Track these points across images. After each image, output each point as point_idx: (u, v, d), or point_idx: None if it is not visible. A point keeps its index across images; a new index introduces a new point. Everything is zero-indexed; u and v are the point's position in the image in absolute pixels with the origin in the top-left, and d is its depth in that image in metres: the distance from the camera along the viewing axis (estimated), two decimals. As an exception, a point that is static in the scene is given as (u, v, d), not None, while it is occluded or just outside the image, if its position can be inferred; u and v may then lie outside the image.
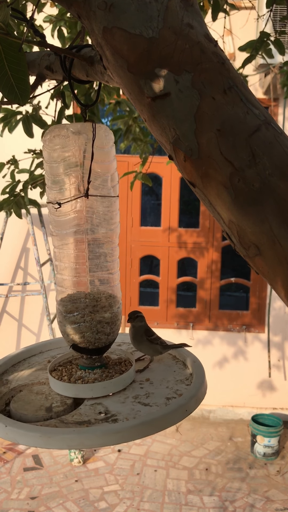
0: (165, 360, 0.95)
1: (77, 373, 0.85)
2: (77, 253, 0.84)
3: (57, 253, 0.87)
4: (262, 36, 1.84)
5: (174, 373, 0.89)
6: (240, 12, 2.86)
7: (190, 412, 0.73)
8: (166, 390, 0.82)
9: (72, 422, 0.73)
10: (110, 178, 0.84)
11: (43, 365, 0.95)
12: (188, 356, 0.92)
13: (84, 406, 0.77)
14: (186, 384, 0.84)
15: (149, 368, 0.91)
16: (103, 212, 0.83)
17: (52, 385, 0.83)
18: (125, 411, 0.75)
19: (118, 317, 0.87)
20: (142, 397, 0.80)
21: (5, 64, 0.60)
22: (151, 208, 5.09)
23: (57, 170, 0.81)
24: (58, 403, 0.79)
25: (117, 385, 0.82)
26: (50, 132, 0.81)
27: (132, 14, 0.55)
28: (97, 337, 0.84)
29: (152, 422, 0.70)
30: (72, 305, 0.85)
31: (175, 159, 0.58)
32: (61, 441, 0.66)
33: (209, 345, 4.15)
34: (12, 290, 4.17)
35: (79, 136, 0.79)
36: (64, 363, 0.91)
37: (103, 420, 0.73)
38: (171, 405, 0.75)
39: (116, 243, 0.88)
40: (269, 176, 0.51)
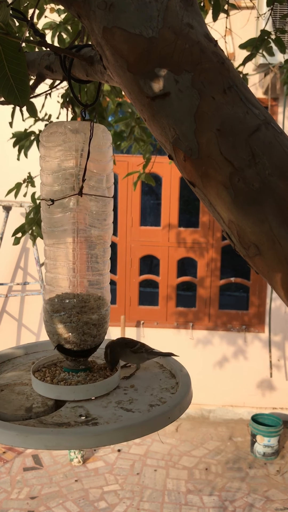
0: (151, 368, 0.94)
1: (60, 375, 0.84)
2: (68, 252, 0.83)
3: (48, 251, 0.86)
4: (263, 34, 1.84)
5: (159, 381, 0.88)
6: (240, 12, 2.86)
7: (173, 419, 0.72)
8: (150, 397, 0.81)
9: (51, 423, 0.72)
10: (105, 178, 0.83)
11: (27, 366, 0.94)
12: (175, 365, 0.90)
13: (65, 408, 0.76)
14: (171, 392, 0.83)
15: (135, 375, 0.90)
16: (97, 212, 0.83)
17: (35, 385, 0.82)
18: (107, 416, 0.74)
19: (105, 319, 0.86)
20: (125, 402, 0.79)
21: (5, 65, 0.60)
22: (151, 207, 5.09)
23: (53, 167, 0.81)
24: (39, 404, 0.78)
25: (100, 389, 0.81)
26: (47, 129, 0.81)
27: (132, 14, 0.55)
28: (83, 339, 0.83)
29: (132, 427, 0.69)
30: (60, 305, 0.84)
31: (175, 159, 0.58)
32: (38, 441, 0.65)
33: (209, 345, 4.15)
34: (12, 290, 4.17)
35: (77, 135, 0.79)
36: (49, 365, 0.90)
37: (83, 423, 0.72)
38: (153, 412, 0.74)
39: (108, 245, 0.87)
40: (269, 176, 0.51)
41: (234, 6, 2.04)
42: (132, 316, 4.20)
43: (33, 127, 2.17)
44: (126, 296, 4.19)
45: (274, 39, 1.86)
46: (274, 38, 1.86)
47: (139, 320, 4.19)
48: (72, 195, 0.79)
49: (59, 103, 2.13)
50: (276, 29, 1.89)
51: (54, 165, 0.80)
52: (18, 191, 2.13)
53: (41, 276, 3.75)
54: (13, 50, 0.59)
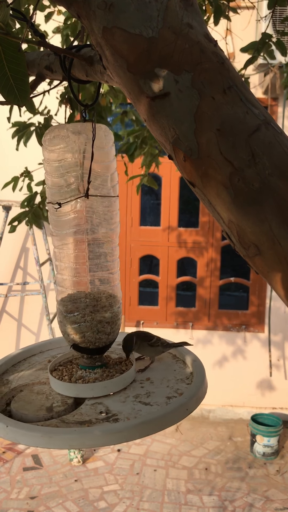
0: (165, 359, 0.95)
1: (77, 372, 0.85)
2: (77, 253, 0.84)
3: (57, 253, 0.87)
4: (264, 37, 1.85)
5: (174, 372, 0.89)
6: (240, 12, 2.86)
7: (190, 411, 0.73)
8: (167, 389, 0.82)
9: (73, 422, 0.73)
10: (110, 178, 0.84)
11: (44, 364, 0.95)
12: (188, 355, 0.92)
13: (85, 406, 0.77)
14: (187, 383, 0.84)
15: (149, 368, 0.91)
16: (103, 212, 0.84)
17: (53, 385, 0.83)
18: (126, 411, 0.75)
19: (118, 316, 0.87)
20: (143, 396, 0.80)
21: (5, 65, 0.60)
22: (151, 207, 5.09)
23: (57, 170, 0.81)
24: (59, 403, 0.79)
25: (118, 384, 0.82)
26: (50, 132, 0.81)
27: (132, 14, 0.55)
28: (97, 337, 0.85)
29: (153, 421, 0.70)
30: (73, 305, 0.85)
31: (175, 159, 0.58)
32: (63, 441, 0.66)
33: (209, 345, 4.15)
34: (12, 289, 4.17)
35: (79, 136, 0.79)
36: (65, 362, 0.91)
37: (104, 419, 0.73)
38: (171, 404, 0.76)
39: (116, 243, 0.88)
40: (269, 176, 0.51)
41: (234, 10, 2.05)
42: (132, 316, 4.20)
43: (32, 119, 2.17)
44: (126, 296, 4.19)
45: (275, 42, 1.86)
46: (275, 41, 1.86)
47: (139, 320, 4.19)
48: (78, 197, 0.80)
49: (58, 99, 2.13)
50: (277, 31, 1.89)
51: (58, 168, 0.81)
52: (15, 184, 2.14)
53: (40, 276, 3.74)
54: (13, 50, 0.59)
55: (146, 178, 2.38)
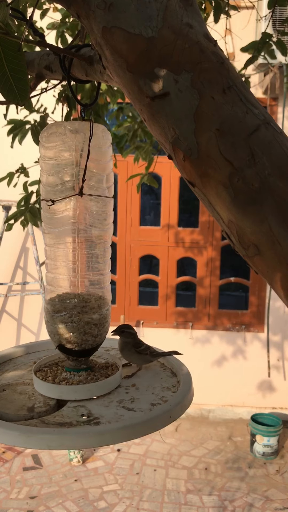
0: (153, 367, 0.94)
1: (62, 374, 0.84)
2: (68, 252, 0.83)
3: (49, 251, 0.86)
4: (264, 37, 1.84)
5: (161, 380, 0.88)
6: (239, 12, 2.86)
7: (174, 418, 0.72)
8: (152, 396, 0.81)
9: (53, 423, 0.72)
10: (105, 178, 0.84)
11: (29, 366, 0.94)
12: (176, 364, 0.91)
13: (67, 408, 0.76)
14: (173, 391, 0.83)
15: (136, 374, 0.90)
16: (97, 212, 0.83)
17: (36, 385, 0.82)
18: (108, 415, 0.74)
19: (106, 319, 0.86)
20: (127, 402, 0.79)
21: (4, 64, 0.60)
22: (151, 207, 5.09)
23: (53, 168, 0.81)
24: (41, 404, 0.78)
25: (102, 388, 0.81)
26: (47, 129, 0.81)
27: (132, 14, 0.55)
28: (84, 339, 0.84)
29: (134, 426, 0.69)
30: (61, 305, 0.84)
31: (175, 158, 0.58)
32: (40, 441, 0.66)
33: (208, 344, 4.15)
34: (12, 289, 4.17)
35: (76, 135, 0.79)
36: (50, 364, 0.90)
37: (85, 422, 0.72)
38: (155, 411, 0.75)
39: (109, 244, 0.87)
40: (268, 175, 0.51)
41: (235, 8, 2.04)
42: (131, 315, 4.20)
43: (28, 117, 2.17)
44: (125, 296, 4.19)
45: (275, 41, 1.86)
46: (275, 41, 1.86)
47: (138, 319, 4.19)
48: (72, 196, 0.79)
49: (55, 97, 2.13)
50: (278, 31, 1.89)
51: (54, 166, 0.81)
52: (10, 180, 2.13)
53: (40, 276, 3.74)
54: (13, 49, 0.59)
55: (146, 177, 2.38)
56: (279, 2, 1.80)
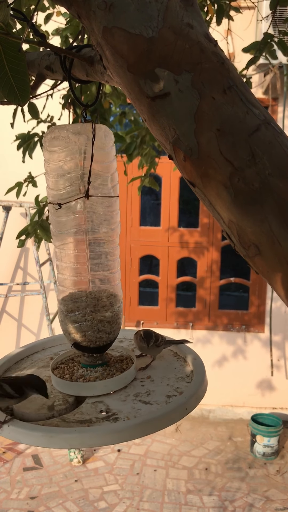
0: (166, 357, 0.96)
1: (78, 371, 0.86)
2: (78, 253, 0.84)
3: (58, 253, 0.87)
4: (266, 37, 1.84)
5: (175, 370, 0.89)
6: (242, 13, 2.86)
7: (190, 410, 0.74)
8: (167, 388, 0.82)
9: (73, 421, 0.73)
10: (110, 178, 0.84)
11: (46, 362, 0.95)
12: (189, 353, 0.92)
13: (86, 405, 0.78)
14: (187, 381, 0.85)
15: (150, 366, 0.91)
16: (104, 212, 0.84)
17: (54, 383, 0.84)
18: (126, 410, 0.75)
19: (119, 315, 0.88)
20: (143, 395, 0.80)
21: (5, 64, 0.60)
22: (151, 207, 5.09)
23: (57, 171, 0.82)
24: (60, 402, 0.79)
25: (118, 383, 0.82)
26: (50, 133, 0.82)
27: (132, 14, 0.55)
28: (98, 336, 0.85)
29: (152, 421, 0.70)
30: (74, 304, 0.85)
31: (175, 159, 0.58)
32: (63, 441, 0.67)
33: (209, 345, 4.15)
34: (12, 290, 4.17)
35: (79, 137, 0.79)
36: (66, 360, 0.91)
37: (104, 419, 0.73)
38: (171, 404, 0.76)
39: (117, 243, 0.88)
40: (269, 175, 0.51)
41: (237, 10, 2.04)
42: (132, 316, 4.20)
43: (36, 128, 2.17)
44: (126, 296, 4.19)
45: (277, 42, 1.85)
46: (277, 41, 1.85)
47: (139, 320, 4.19)
48: (78, 198, 0.80)
49: (61, 104, 2.13)
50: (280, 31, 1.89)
51: (58, 169, 0.81)
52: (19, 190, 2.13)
53: (40, 276, 3.74)
54: (13, 50, 0.59)
55: (147, 180, 2.38)
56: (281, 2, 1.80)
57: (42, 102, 2.22)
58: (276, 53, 1.91)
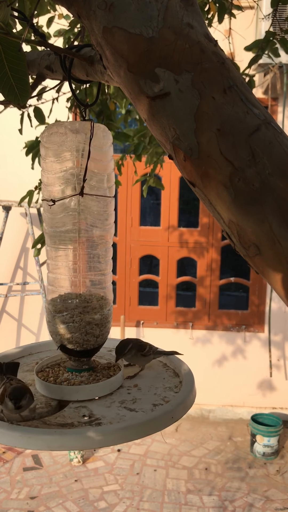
0: (155, 367, 0.94)
1: (63, 375, 0.84)
2: (69, 252, 0.83)
3: (50, 251, 0.86)
4: (268, 35, 1.84)
5: (163, 380, 0.88)
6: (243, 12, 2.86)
7: (176, 419, 0.72)
8: (154, 397, 0.81)
9: (54, 424, 0.72)
10: (106, 178, 0.83)
11: (31, 366, 0.94)
12: (179, 364, 0.90)
13: (69, 409, 0.76)
14: (175, 391, 0.83)
15: (138, 375, 0.90)
16: (98, 212, 0.83)
17: (38, 386, 0.82)
18: (110, 416, 0.74)
19: (108, 319, 0.86)
20: (129, 402, 0.79)
21: (5, 64, 0.60)
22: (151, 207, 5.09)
23: (53, 168, 0.81)
24: (43, 405, 0.78)
25: (104, 389, 0.81)
26: (48, 129, 0.81)
27: (132, 14, 0.55)
28: (85, 339, 0.83)
29: (135, 426, 0.69)
30: (62, 305, 0.84)
31: (175, 158, 0.58)
32: (42, 442, 0.65)
33: (209, 344, 4.15)
34: (12, 290, 4.17)
35: (77, 135, 0.79)
36: (52, 365, 0.90)
37: (86, 423, 0.72)
38: (156, 411, 0.74)
39: (110, 244, 0.87)
40: (269, 175, 0.51)
41: (239, 8, 2.04)
42: (131, 316, 4.20)
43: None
44: (125, 296, 4.19)
45: (279, 40, 1.85)
46: (279, 39, 1.85)
47: (138, 320, 4.19)
48: (73, 195, 0.79)
49: (67, 107, 2.13)
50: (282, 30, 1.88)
51: (55, 166, 0.81)
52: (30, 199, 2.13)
53: (40, 276, 3.74)
54: (13, 49, 0.59)
55: (152, 180, 2.37)
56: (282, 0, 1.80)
57: (49, 106, 2.22)
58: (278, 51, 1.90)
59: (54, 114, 2.26)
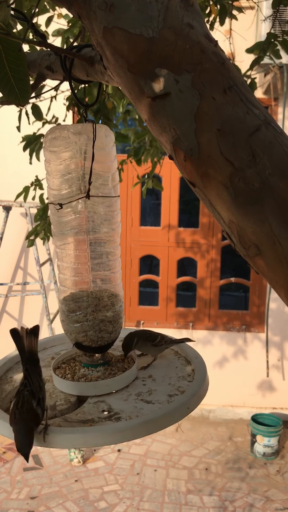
0: (167, 356, 0.96)
1: (80, 371, 0.86)
2: (79, 252, 0.85)
3: (59, 253, 0.87)
4: (269, 37, 1.83)
5: (176, 369, 0.90)
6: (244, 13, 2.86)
7: (192, 409, 0.74)
8: (168, 387, 0.83)
9: (75, 421, 0.73)
10: (110, 178, 0.84)
11: (47, 362, 0.95)
12: (190, 352, 0.93)
13: (88, 404, 0.78)
14: (188, 380, 0.85)
15: (151, 365, 0.91)
16: (104, 212, 0.84)
17: (56, 383, 0.84)
18: (128, 409, 0.76)
19: (120, 315, 0.88)
20: (145, 394, 0.81)
21: (5, 65, 0.60)
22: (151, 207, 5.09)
23: (58, 171, 0.82)
24: (62, 401, 0.79)
25: (120, 383, 0.82)
26: (50, 133, 0.81)
27: (133, 14, 0.55)
28: (99, 336, 0.85)
29: (154, 420, 0.70)
30: (75, 304, 0.85)
31: (175, 159, 0.58)
32: (66, 441, 0.67)
33: (209, 345, 4.15)
34: (12, 290, 4.17)
35: (80, 137, 0.79)
36: (68, 360, 0.92)
37: (106, 418, 0.73)
38: (173, 403, 0.76)
39: (118, 242, 0.89)
40: (269, 176, 0.51)
41: (240, 10, 2.04)
42: (132, 316, 4.20)
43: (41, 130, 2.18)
44: (126, 296, 4.19)
45: (281, 41, 1.85)
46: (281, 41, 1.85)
47: (139, 320, 4.19)
48: (79, 198, 0.80)
49: (65, 105, 2.13)
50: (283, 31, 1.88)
51: (59, 169, 0.81)
52: (26, 195, 2.14)
53: (41, 276, 3.74)
54: (14, 50, 0.59)
55: (150, 182, 2.38)
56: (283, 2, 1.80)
57: (47, 103, 2.22)
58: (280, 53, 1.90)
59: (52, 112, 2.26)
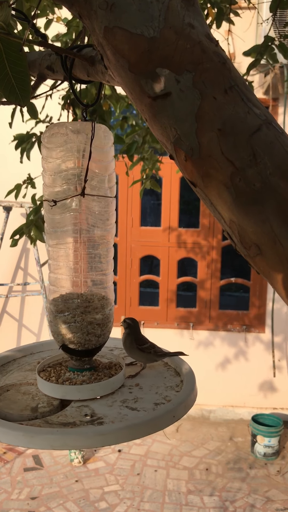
0: (156, 367, 0.94)
1: (65, 374, 0.85)
2: (71, 252, 0.84)
3: (51, 251, 0.86)
4: (266, 40, 1.84)
5: (164, 380, 0.88)
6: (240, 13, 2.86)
7: (178, 418, 0.72)
8: (155, 396, 0.81)
9: (56, 423, 0.72)
10: (107, 178, 0.84)
11: (33, 366, 0.94)
12: (180, 363, 0.91)
13: (71, 408, 0.77)
14: (176, 390, 0.83)
15: (140, 374, 0.90)
16: (99, 212, 0.83)
17: (40, 385, 0.83)
18: (112, 415, 0.74)
19: (109, 319, 0.87)
20: (130, 401, 0.79)
21: (6, 65, 0.60)
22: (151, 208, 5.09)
23: (55, 168, 0.81)
24: (45, 404, 0.78)
25: (105, 388, 0.81)
26: (49, 129, 0.81)
27: (133, 14, 0.55)
28: (87, 339, 0.84)
29: (137, 426, 0.69)
30: (64, 305, 0.84)
31: (176, 158, 0.58)
32: (44, 441, 0.66)
33: (210, 345, 4.15)
34: (12, 290, 4.17)
35: (78, 135, 0.79)
36: (54, 364, 0.90)
37: (88, 422, 0.72)
38: (158, 410, 0.75)
39: (111, 244, 0.88)
40: (270, 175, 0.51)
41: (236, 13, 2.04)
42: (132, 316, 4.19)
43: (34, 129, 2.17)
44: (126, 296, 4.19)
45: (278, 45, 1.85)
46: (278, 44, 1.85)
47: (139, 320, 4.19)
48: (74, 196, 0.79)
49: (60, 104, 2.13)
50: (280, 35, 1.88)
51: (56, 166, 0.81)
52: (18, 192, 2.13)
53: (41, 277, 3.74)
54: (14, 50, 0.59)
55: (148, 183, 2.38)
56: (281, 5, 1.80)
57: (41, 102, 2.22)
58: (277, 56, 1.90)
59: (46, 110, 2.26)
